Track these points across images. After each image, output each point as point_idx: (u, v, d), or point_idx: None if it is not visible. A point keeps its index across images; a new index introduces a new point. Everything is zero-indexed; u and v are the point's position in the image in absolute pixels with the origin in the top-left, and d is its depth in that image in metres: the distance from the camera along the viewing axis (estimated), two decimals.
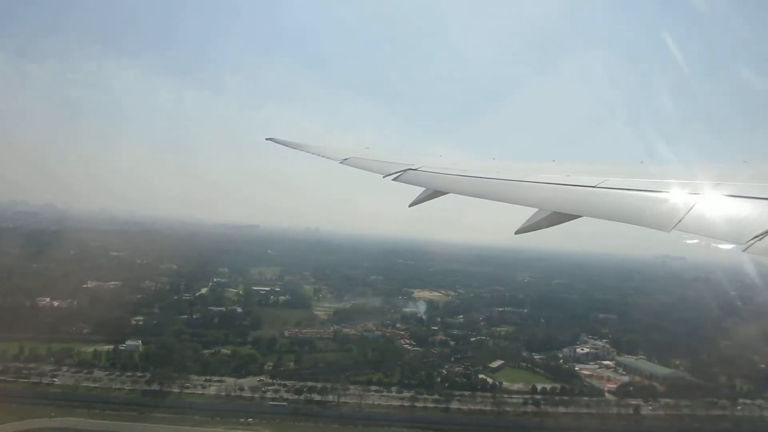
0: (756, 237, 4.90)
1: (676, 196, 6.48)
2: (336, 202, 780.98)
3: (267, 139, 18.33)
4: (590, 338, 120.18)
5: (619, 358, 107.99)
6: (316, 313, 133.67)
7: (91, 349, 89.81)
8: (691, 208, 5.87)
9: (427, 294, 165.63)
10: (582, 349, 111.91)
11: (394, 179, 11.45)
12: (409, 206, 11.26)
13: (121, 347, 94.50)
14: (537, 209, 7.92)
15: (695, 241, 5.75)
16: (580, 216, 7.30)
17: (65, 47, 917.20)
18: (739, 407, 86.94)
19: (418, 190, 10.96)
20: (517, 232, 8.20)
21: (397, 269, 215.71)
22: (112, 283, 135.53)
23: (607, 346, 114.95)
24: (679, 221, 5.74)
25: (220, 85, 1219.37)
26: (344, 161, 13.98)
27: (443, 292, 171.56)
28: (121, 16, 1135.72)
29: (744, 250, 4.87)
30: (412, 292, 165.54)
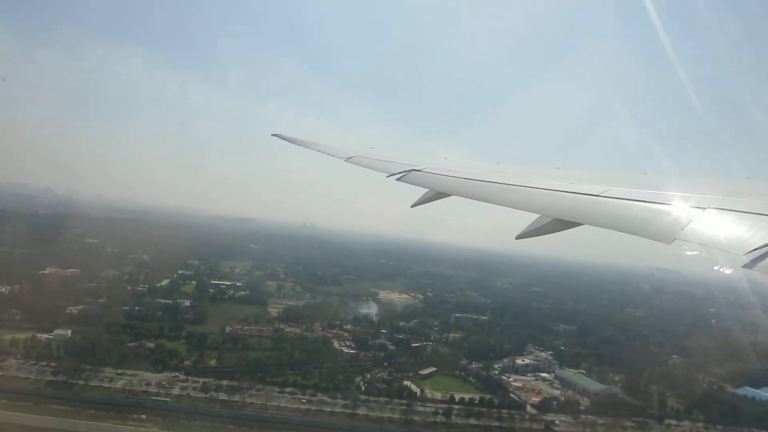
0: (755, 251, 4.96)
1: (678, 209, 6.55)
2: (337, 200, 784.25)
3: (273, 135, 18.62)
4: (536, 349, 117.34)
5: (559, 371, 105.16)
6: (269, 309, 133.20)
7: (9, 336, 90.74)
8: (693, 221, 5.97)
9: (393, 296, 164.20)
10: (523, 360, 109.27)
11: (397, 179, 11.60)
12: (412, 207, 11.38)
13: (49, 336, 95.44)
14: (539, 215, 8.02)
15: (695, 253, 5.90)
16: (582, 224, 7.37)
17: (73, 35, 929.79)
18: (663, 427, 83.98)
19: (422, 191, 11.14)
20: (518, 237, 8.28)
21: (375, 269, 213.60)
22: (71, 270, 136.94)
23: (550, 357, 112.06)
24: (680, 234, 5.81)
25: (224, 80, 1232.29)
26: (349, 159, 14.21)
27: (411, 294, 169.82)
28: (130, 7, 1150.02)
29: (743, 265, 4.95)
30: (378, 294, 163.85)
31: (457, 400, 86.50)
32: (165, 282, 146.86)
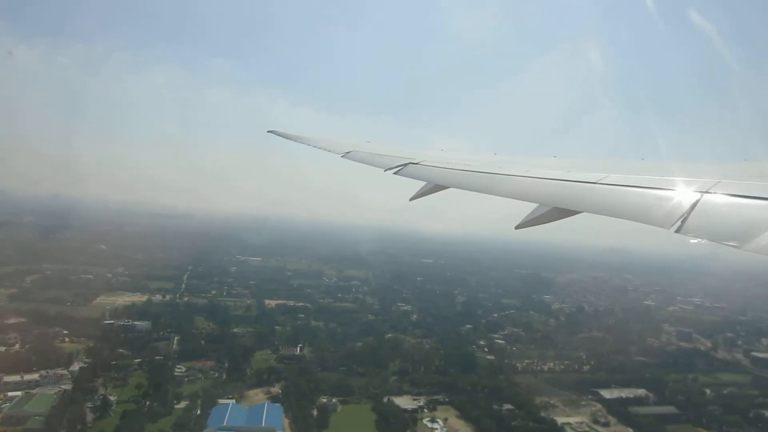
0: (753, 234, 4.93)
1: (676, 194, 6.46)
2: (332, 193, 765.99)
3: (269, 131, 18.27)
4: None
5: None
6: None
7: None
8: (692, 206, 5.88)
9: (113, 300, 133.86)
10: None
11: (395, 173, 11.41)
12: (410, 200, 11.24)
13: None
14: (537, 204, 7.96)
15: (698, 240, 5.64)
16: (581, 212, 7.27)
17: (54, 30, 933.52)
18: None
19: (420, 184, 10.95)
20: (517, 227, 8.18)
21: (198, 271, 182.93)
22: None
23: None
24: (679, 219, 5.70)
25: (210, 71, 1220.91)
26: (346, 155, 13.96)
27: (160, 296, 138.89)
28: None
29: (744, 248, 4.88)
30: (96, 298, 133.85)
31: None
32: None
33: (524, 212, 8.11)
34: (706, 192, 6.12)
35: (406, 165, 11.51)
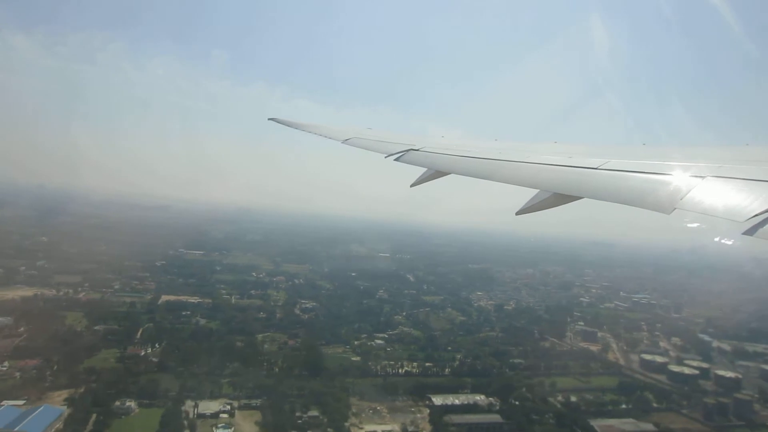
0: (755, 217, 4.93)
1: (677, 179, 6.50)
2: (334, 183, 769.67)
3: (269, 119, 18.56)
4: None
5: None
6: None
7: None
8: (692, 190, 5.93)
9: (2, 294, 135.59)
10: None
11: (395, 159, 11.53)
12: (411, 186, 11.32)
13: None
14: (538, 190, 7.91)
15: (696, 225, 5.95)
16: (582, 197, 7.30)
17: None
18: None
19: (420, 170, 11.02)
20: (517, 213, 8.19)
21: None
22: None
23: None
24: (680, 203, 5.74)
25: (208, 63, 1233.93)
26: (346, 141, 14.11)
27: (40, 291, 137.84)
28: None
29: (744, 232, 4.89)
30: None
31: None
32: None
33: (525, 198, 8.06)
34: (708, 176, 6.15)
35: (407, 151, 11.56)
